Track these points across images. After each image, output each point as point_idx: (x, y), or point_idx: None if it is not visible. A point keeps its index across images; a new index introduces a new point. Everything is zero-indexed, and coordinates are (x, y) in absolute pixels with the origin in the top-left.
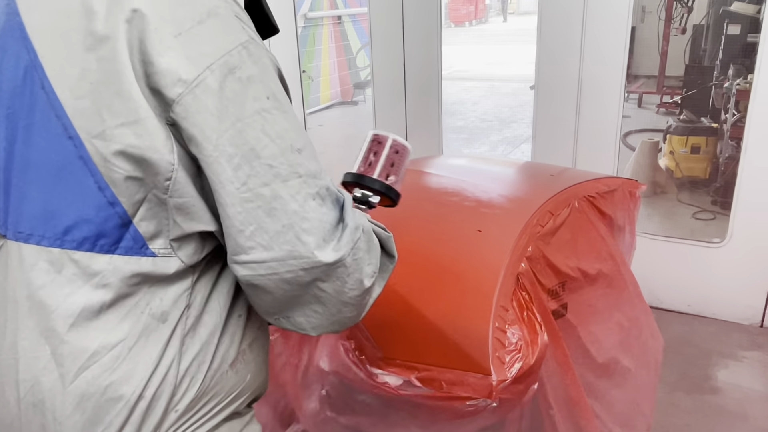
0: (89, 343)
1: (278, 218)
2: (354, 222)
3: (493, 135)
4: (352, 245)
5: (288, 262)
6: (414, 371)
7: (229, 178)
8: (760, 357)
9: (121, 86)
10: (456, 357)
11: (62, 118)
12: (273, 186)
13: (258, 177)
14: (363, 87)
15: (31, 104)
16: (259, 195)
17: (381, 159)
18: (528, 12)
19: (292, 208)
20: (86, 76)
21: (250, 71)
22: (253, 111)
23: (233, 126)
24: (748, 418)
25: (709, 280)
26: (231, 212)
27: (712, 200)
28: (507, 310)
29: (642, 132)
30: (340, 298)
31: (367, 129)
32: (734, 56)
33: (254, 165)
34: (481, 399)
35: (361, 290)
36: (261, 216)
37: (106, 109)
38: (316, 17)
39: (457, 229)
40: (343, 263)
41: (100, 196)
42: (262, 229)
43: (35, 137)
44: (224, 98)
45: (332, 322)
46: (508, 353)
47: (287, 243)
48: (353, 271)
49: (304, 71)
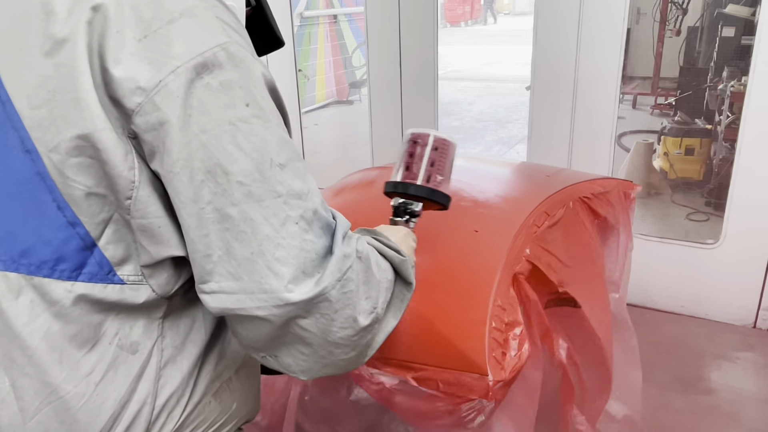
0: (51, 377)
1: (248, 244)
2: (343, 250)
3: (488, 135)
4: (338, 276)
5: (258, 296)
6: (410, 371)
7: (190, 197)
8: (752, 358)
9: (78, 94)
10: (452, 357)
11: (19, 130)
12: (243, 206)
13: (225, 196)
14: (359, 86)
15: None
16: (227, 216)
17: (420, 160)
18: (524, 12)
19: (265, 233)
20: (44, 84)
21: (226, 76)
22: (224, 120)
23: (197, 138)
24: (741, 419)
25: (702, 281)
26: (194, 235)
27: (706, 201)
28: (504, 309)
29: (637, 133)
30: (327, 338)
31: (362, 128)
32: (729, 58)
33: (221, 182)
34: (477, 399)
35: (355, 329)
36: (229, 240)
37: (62, 119)
38: (312, 16)
39: (454, 229)
40: (326, 297)
41: (59, 215)
42: (229, 254)
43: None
44: (188, 106)
45: (324, 365)
46: (504, 353)
47: (256, 273)
48: (342, 307)
49: (299, 70)
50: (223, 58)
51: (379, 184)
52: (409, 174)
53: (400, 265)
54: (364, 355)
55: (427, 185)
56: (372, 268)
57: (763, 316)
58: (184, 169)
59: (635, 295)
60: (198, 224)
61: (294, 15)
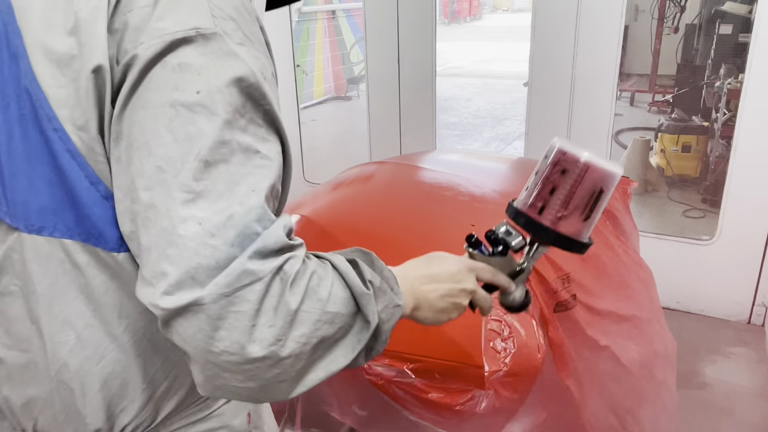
0: (113, 328)
1: (148, 232)
2: (245, 265)
3: (486, 131)
4: (224, 291)
5: (144, 289)
6: (407, 363)
7: (121, 170)
8: (746, 353)
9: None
10: (450, 348)
11: (46, 109)
12: (153, 192)
13: (143, 177)
14: (357, 82)
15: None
16: (137, 199)
17: (537, 184)
18: (522, 9)
19: (162, 225)
20: (69, 62)
21: (187, 58)
22: (166, 101)
23: (136, 112)
24: (735, 413)
25: (698, 278)
26: (119, 208)
27: (702, 198)
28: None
29: (634, 130)
30: (207, 358)
31: (360, 124)
32: (726, 56)
33: (143, 162)
34: (475, 390)
35: (243, 357)
36: (138, 223)
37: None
38: (310, 12)
39: (451, 223)
40: (202, 310)
41: (93, 191)
42: (135, 234)
43: (30, 130)
44: (142, 79)
45: (215, 387)
46: (501, 345)
47: (149, 264)
48: (226, 328)
49: (298, 65)
50: (192, 42)
51: (377, 179)
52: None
53: (361, 298)
54: (281, 390)
55: (556, 228)
56: (287, 298)
57: (757, 312)
58: (120, 140)
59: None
60: (121, 198)
61: (292, 10)
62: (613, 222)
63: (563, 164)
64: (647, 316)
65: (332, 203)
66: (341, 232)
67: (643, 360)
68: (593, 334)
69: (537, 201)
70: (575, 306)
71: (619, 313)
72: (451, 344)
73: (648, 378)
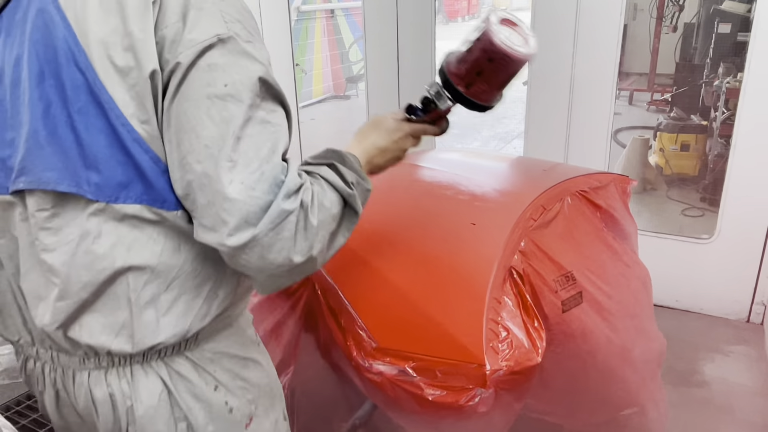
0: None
1: (204, 194)
2: (281, 206)
3: (485, 131)
4: (270, 227)
5: (210, 235)
6: (409, 361)
7: (174, 147)
8: (746, 351)
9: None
10: (450, 347)
11: (114, 110)
12: (204, 164)
13: (193, 153)
14: (356, 81)
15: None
16: (192, 169)
17: (467, 63)
18: (521, 8)
19: (216, 188)
20: (129, 72)
21: (213, 60)
22: (203, 95)
23: (181, 104)
24: (734, 411)
25: (697, 276)
26: (172, 176)
27: (701, 197)
28: (500, 302)
29: (633, 129)
30: (265, 272)
31: (360, 123)
32: (724, 55)
33: (193, 142)
34: (476, 389)
35: (290, 266)
36: (193, 186)
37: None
38: (309, 10)
39: (452, 222)
40: (259, 242)
41: (156, 168)
42: (190, 196)
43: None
44: (183, 78)
45: (273, 287)
46: (501, 343)
47: (211, 217)
48: (275, 250)
49: (297, 64)
50: (215, 46)
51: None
52: (456, 68)
53: (349, 198)
54: (313, 269)
55: (462, 90)
56: (310, 219)
57: (756, 311)
58: (170, 126)
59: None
60: (174, 170)
61: (291, 9)
62: (611, 222)
63: (490, 53)
64: (647, 315)
65: None
66: None
67: (646, 358)
68: (600, 332)
69: (462, 79)
70: (582, 303)
71: (624, 311)
72: (453, 343)
73: (651, 376)
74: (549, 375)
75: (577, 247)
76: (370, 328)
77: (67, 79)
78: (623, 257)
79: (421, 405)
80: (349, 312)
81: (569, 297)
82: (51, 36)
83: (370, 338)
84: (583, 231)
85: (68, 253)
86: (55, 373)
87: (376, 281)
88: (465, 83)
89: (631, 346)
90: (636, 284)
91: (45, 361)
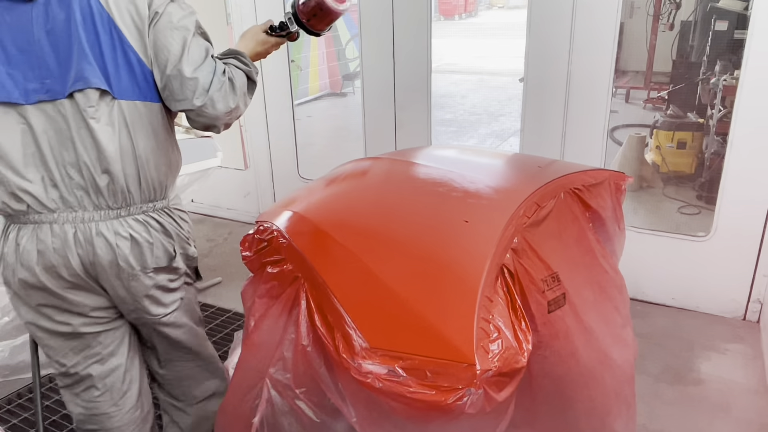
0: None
1: (177, 81)
2: (220, 79)
3: (481, 128)
4: (216, 89)
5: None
6: (398, 360)
7: (154, 61)
8: (742, 349)
9: None
10: (441, 347)
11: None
12: (174, 65)
13: (169, 60)
14: (352, 79)
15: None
16: (168, 69)
17: (308, 7)
18: (518, 6)
19: (183, 76)
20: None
21: (171, 9)
22: (168, 27)
23: (157, 33)
24: (730, 409)
25: (693, 274)
26: (157, 77)
27: (698, 195)
28: (491, 300)
29: (629, 127)
30: (217, 119)
31: (356, 121)
32: (721, 52)
33: (166, 54)
34: (466, 388)
35: (227, 110)
36: (171, 80)
37: None
38: None
39: (444, 220)
40: (210, 99)
41: (149, 77)
42: (170, 87)
43: (121, 54)
44: (161, 12)
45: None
46: (492, 343)
47: (182, 93)
48: (220, 102)
49: (292, 61)
50: (172, 2)
51: (370, 175)
52: (301, 9)
53: (250, 74)
54: (239, 112)
55: (305, 23)
56: (234, 84)
57: (752, 308)
58: (150, 46)
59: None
60: (156, 73)
61: (287, 6)
62: (599, 223)
63: (321, 5)
64: (622, 322)
65: (325, 198)
66: (333, 227)
67: (622, 364)
68: (580, 335)
69: (304, 11)
70: (565, 305)
71: (600, 316)
72: (443, 342)
73: (627, 381)
74: (537, 383)
75: (563, 248)
76: (359, 327)
77: (101, 27)
78: (603, 263)
79: (409, 405)
80: (339, 310)
81: (554, 298)
82: (89, 5)
83: (360, 337)
84: (571, 232)
85: (107, 130)
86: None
87: (367, 279)
88: (306, 19)
89: (608, 351)
90: (612, 291)
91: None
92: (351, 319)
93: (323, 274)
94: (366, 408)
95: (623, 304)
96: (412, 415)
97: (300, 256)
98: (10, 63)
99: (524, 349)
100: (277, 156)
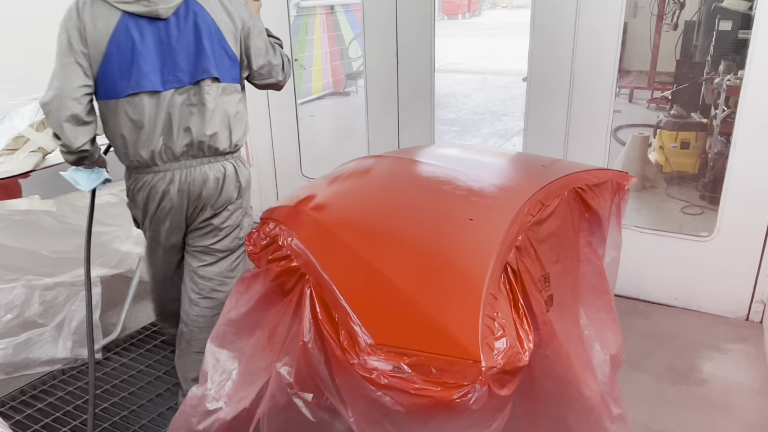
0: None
1: (268, 67)
2: (288, 59)
3: (484, 127)
4: (288, 68)
5: (270, 79)
6: (404, 357)
7: (250, 56)
8: (744, 349)
9: None
10: (446, 343)
11: (228, 48)
12: (264, 57)
13: (260, 55)
14: (355, 78)
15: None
16: (260, 60)
17: None
18: (521, 6)
19: (271, 64)
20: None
21: (256, 22)
22: (256, 33)
23: (251, 40)
24: (733, 409)
25: (696, 274)
26: (252, 66)
27: (701, 195)
28: (496, 297)
29: (632, 127)
30: (284, 83)
31: (359, 120)
32: (725, 52)
33: (258, 51)
34: (471, 385)
35: (287, 78)
36: (263, 66)
37: None
38: (308, 6)
39: (449, 218)
40: (286, 75)
41: (238, 68)
42: (263, 71)
43: (222, 52)
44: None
45: (284, 85)
46: (497, 341)
47: (271, 74)
48: (287, 75)
49: (296, 60)
50: (252, 16)
51: (374, 173)
52: None
53: (282, 45)
54: (289, 75)
55: None
56: (289, 62)
57: (755, 309)
58: (247, 48)
59: (629, 287)
60: (254, 62)
61: (290, 5)
62: (596, 224)
63: None
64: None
65: (329, 196)
66: (338, 224)
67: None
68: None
69: None
70: (553, 305)
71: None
72: (448, 339)
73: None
74: (538, 383)
75: (558, 249)
76: (365, 324)
77: (214, 36)
78: (592, 265)
79: (414, 401)
80: (344, 307)
81: (546, 299)
82: (206, 21)
83: (365, 334)
84: (567, 233)
85: (216, 107)
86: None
87: (371, 276)
88: None
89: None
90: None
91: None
92: (356, 315)
93: (328, 270)
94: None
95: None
96: (414, 411)
97: (304, 253)
98: (154, 64)
99: (526, 347)
100: (281, 155)
